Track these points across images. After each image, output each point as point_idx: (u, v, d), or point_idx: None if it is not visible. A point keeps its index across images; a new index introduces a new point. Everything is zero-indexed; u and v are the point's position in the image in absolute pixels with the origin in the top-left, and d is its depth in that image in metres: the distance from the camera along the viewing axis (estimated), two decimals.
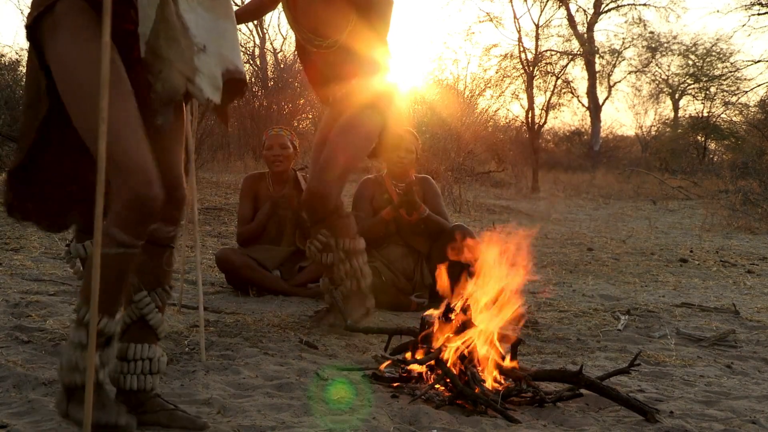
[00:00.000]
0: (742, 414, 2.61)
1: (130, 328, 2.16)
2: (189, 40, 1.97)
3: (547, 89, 18.65)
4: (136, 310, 2.16)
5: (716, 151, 23.88)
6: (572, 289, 5.14)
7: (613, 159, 22.20)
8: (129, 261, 2.00)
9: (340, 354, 3.18)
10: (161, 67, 1.96)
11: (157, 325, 2.18)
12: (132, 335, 2.16)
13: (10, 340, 2.88)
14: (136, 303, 2.16)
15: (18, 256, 4.72)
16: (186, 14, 1.98)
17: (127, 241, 1.97)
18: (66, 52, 1.98)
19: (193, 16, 1.98)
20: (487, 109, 17.54)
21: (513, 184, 14.77)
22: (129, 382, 2.14)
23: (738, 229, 9.32)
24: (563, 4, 19.34)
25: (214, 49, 2.02)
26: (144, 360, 2.15)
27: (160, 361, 2.18)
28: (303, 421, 2.27)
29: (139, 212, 1.95)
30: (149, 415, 2.15)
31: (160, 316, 2.19)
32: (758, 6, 20.65)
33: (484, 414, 2.49)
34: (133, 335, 2.16)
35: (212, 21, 2.03)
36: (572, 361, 3.26)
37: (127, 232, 1.96)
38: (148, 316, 2.16)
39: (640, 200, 13.76)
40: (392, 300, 4.27)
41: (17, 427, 2.07)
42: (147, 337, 2.17)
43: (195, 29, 1.99)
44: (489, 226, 8.26)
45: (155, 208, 1.97)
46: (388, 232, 4.41)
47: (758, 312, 4.57)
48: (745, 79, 22.97)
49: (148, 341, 2.17)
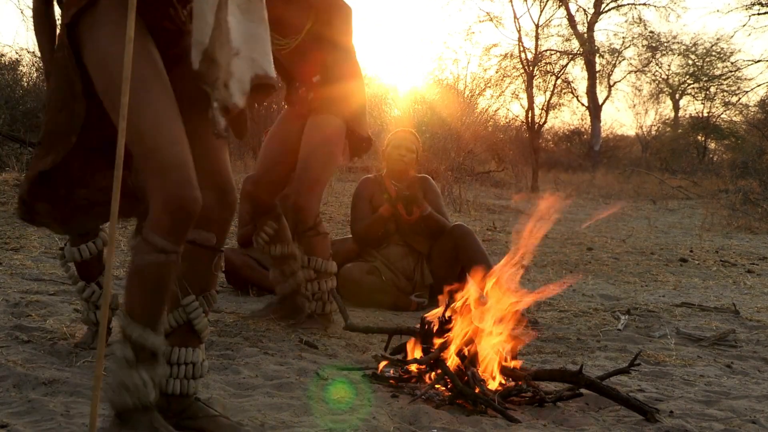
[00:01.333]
0: (742, 414, 2.61)
1: (174, 332, 2.08)
2: (230, 44, 1.92)
3: (547, 89, 18.65)
4: (182, 314, 2.08)
5: (716, 151, 23.91)
6: (572, 288, 5.14)
7: (613, 159, 22.19)
8: (170, 268, 1.92)
9: (340, 354, 3.18)
10: (218, 74, 1.88)
11: (203, 329, 2.11)
12: (176, 339, 2.09)
13: (10, 340, 2.88)
14: (184, 307, 2.08)
15: (18, 255, 4.72)
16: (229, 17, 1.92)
17: (167, 247, 1.89)
18: (106, 50, 1.90)
19: (233, 19, 1.93)
20: (487, 109, 17.55)
21: (513, 183, 14.77)
22: (172, 386, 2.07)
23: (738, 228, 9.32)
24: (563, 3, 19.32)
25: (247, 53, 1.96)
26: (188, 364, 2.08)
27: (202, 366, 2.12)
28: (303, 421, 2.27)
29: (178, 215, 1.88)
30: (191, 420, 2.09)
31: (206, 321, 2.12)
32: (758, 6, 20.64)
33: (484, 414, 2.49)
34: (177, 339, 2.09)
35: (247, 24, 1.97)
36: (572, 361, 3.26)
37: (167, 237, 1.88)
38: (195, 321, 2.09)
39: (640, 200, 13.75)
40: (392, 300, 4.27)
41: (17, 427, 2.06)
42: (191, 341, 2.10)
43: (234, 33, 1.93)
44: (489, 226, 8.26)
45: (194, 210, 1.90)
46: (388, 231, 4.41)
47: (758, 312, 4.57)
48: (746, 78, 22.98)
49: (192, 345, 2.10)
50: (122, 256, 4.72)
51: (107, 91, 1.91)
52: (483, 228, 8.03)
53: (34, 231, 5.49)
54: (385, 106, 16.31)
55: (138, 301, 1.93)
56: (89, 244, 2.76)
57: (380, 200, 4.42)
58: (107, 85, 1.91)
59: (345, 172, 10.64)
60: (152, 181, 1.87)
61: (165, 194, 1.86)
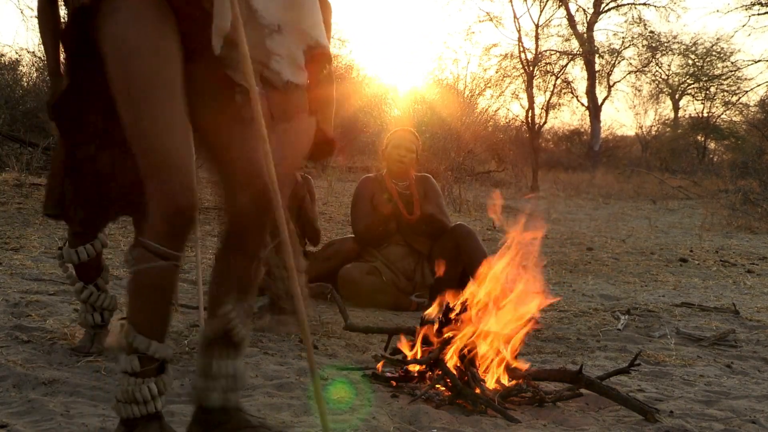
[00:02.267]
0: (742, 414, 2.61)
1: (212, 344, 1.97)
2: (256, 22, 1.83)
3: (546, 89, 18.69)
4: (220, 324, 1.96)
5: (716, 151, 23.91)
6: (572, 288, 5.14)
7: (612, 159, 22.20)
8: (172, 275, 1.85)
9: (340, 354, 3.18)
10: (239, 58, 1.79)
11: (241, 340, 1.99)
12: (214, 351, 1.97)
13: (10, 340, 2.88)
14: (220, 318, 1.96)
15: (18, 255, 4.72)
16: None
17: (166, 254, 1.81)
18: (122, 37, 1.79)
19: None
20: (487, 109, 17.57)
21: (513, 183, 14.77)
22: (212, 399, 1.96)
23: (738, 228, 9.33)
24: (563, 3, 19.34)
25: (291, 27, 1.87)
26: (228, 377, 1.97)
27: (243, 377, 2.02)
28: (303, 421, 2.27)
29: (176, 221, 1.81)
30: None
31: (245, 332, 2.00)
32: (758, 6, 20.64)
33: (484, 414, 2.49)
34: (215, 351, 1.97)
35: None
36: (572, 361, 3.26)
37: (166, 243, 1.81)
38: (233, 332, 1.96)
39: (640, 200, 13.75)
40: (392, 300, 4.27)
41: (17, 427, 2.06)
42: (230, 352, 1.98)
43: (264, 10, 1.85)
44: (489, 226, 8.26)
45: (193, 216, 1.82)
46: (389, 231, 4.41)
47: (758, 312, 4.57)
48: (746, 78, 23.00)
49: (231, 357, 1.98)
50: (122, 256, 4.72)
51: (115, 80, 1.81)
52: (483, 228, 8.03)
53: (34, 231, 5.49)
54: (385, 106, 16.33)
55: (141, 310, 1.87)
56: (87, 246, 2.73)
57: (381, 200, 4.42)
58: (116, 74, 1.81)
59: (345, 172, 10.65)
60: (151, 184, 1.81)
61: (163, 198, 1.80)
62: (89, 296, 2.81)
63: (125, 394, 1.85)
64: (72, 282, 2.84)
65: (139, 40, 1.78)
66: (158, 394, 1.87)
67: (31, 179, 7.62)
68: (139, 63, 1.78)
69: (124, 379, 1.86)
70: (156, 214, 1.81)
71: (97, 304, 2.83)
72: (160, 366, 1.88)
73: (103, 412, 2.22)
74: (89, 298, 2.81)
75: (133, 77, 1.79)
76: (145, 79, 1.77)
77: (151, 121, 1.80)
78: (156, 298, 1.86)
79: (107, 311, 2.86)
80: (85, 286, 2.81)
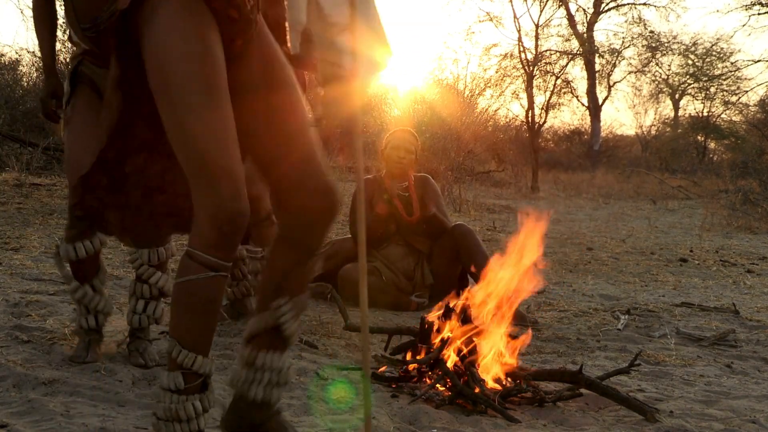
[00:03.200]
0: (742, 414, 2.61)
1: (261, 335, 1.91)
2: (324, 20, 1.82)
3: (546, 89, 18.64)
4: (271, 318, 1.90)
5: (716, 151, 23.89)
6: (572, 288, 5.14)
7: (613, 159, 22.18)
8: (220, 287, 1.79)
9: (340, 354, 3.18)
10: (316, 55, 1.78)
11: (291, 335, 1.94)
12: (262, 342, 1.91)
13: (10, 340, 2.88)
14: (273, 311, 1.90)
15: (18, 255, 4.72)
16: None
17: (216, 264, 1.75)
18: (162, 40, 1.75)
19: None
20: (487, 109, 17.54)
21: (513, 183, 14.77)
22: (254, 391, 1.90)
23: (738, 228, 9.32)
24: (563, 3, 19.31)
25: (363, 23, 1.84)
26: (273, 371, 1.91)
27: (288, 373, 1.97)
28: (303, 421, 2.27)
29: (226, 229, 1.74)
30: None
31: (296, 326, 1.94)
32: (758, 6, 20.63)
33: (484, 414, 2.49)
34: (263, 342, 1.91)
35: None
36: (572, 361, 3.26)
37: (215, 253, 1.75)
38: (284, 326, 1.90)
39: (640, 200, 13.75)
40: (392, 300, 4.27)
41: (17, 427, 2.06)
42: (278, 345, 1.92)
43: (330, 8, 1.83)
44: (489, 226, 8.26)
45: (243, 224, 1.76)
46: (389, 231, 4.41)
47: (758, 312, 4.57)
48: (745, 78, 22.98)
49: (279, 350, 1.92)
50: (122, 255, 4.72)
51: (156, 85, 1.76)
52: (483, 228, 8.03)
53: (34, 231, 5.49)
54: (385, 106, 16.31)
55: (186, 324, 1.80)
56: (86, 243, 2.65)
57: (380, 200, 4.42)
58: (157, 79, 1.76)
59: (345, 172, 10.63)
60: (199, 192, 1.74)
61: (213, 207, 1.73)
62: (83, 296, 2.73)
63: (167, 411, 1.78)
64: (67, 280, 2.76)
65: (179, 41, 1.73)
66: (202, 411, 1.81)
67: (31, 179, 7.62)
68: (180, 68, 1.74)
69: (166, 396, 1.79)
70: (204, 222, 1.75)
71: (91, 306, 2.74)
72: (203, 382, 1.81)
73: (103, 412, 2.22)
74: (83, 298, 2.73)
75: (173, 82, 1.74)
76: (186, 83, 1.72)
77: (197, 127, 1.74)
78: (203, 311, 1.79)
79: (102, 314, 2.78)
80: (80, 286, 2.73)
